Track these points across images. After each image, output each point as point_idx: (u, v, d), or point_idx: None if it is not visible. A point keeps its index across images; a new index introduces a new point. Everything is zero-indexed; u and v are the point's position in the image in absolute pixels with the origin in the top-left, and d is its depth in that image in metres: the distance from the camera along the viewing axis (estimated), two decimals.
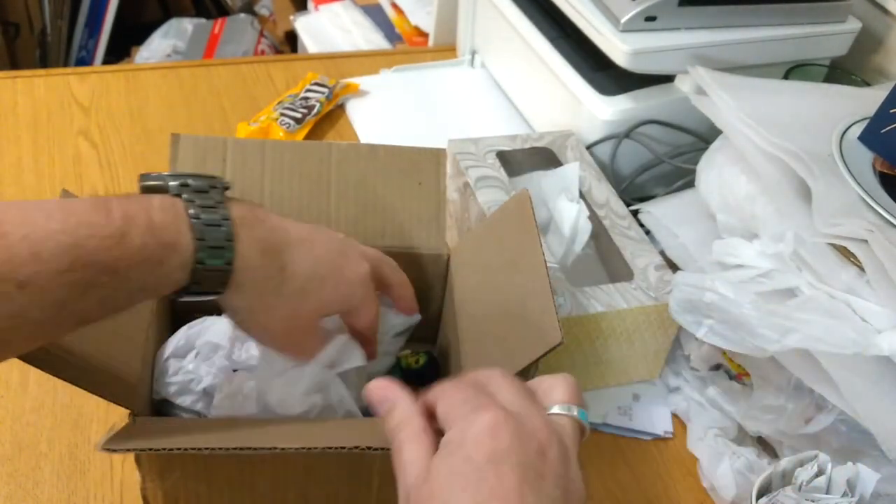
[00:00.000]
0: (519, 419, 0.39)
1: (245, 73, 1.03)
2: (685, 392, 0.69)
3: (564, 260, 0.71)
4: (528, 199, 0.57)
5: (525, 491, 0.36)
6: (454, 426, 0.39)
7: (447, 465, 0.38)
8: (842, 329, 0.52)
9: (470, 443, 0.38)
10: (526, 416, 0.39)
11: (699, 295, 0.57)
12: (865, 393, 0.51)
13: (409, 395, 0.42)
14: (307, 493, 0.53)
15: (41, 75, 0.98)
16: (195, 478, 0.51)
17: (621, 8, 0.76)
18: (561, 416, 0.41)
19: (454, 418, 0.39)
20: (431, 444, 0.40)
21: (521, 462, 0.37)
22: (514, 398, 0.40)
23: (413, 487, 0.38)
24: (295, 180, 0.63)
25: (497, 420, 0.38)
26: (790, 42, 0.82)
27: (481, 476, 0.36)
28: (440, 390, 0.42)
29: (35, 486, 0.58)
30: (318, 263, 0.50)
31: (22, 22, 1.93)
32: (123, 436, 0.46)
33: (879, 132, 0.61)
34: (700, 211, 0.70)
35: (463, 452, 0.37)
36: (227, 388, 0.54)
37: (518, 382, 0.42)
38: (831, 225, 0.54)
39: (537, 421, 0.39)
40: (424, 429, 0.40)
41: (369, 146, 0.65)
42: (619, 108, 0.81)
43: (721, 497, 0.62)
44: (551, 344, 0.47)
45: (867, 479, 0.49)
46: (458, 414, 0.39)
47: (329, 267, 0.51)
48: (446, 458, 0.38)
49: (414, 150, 0.65)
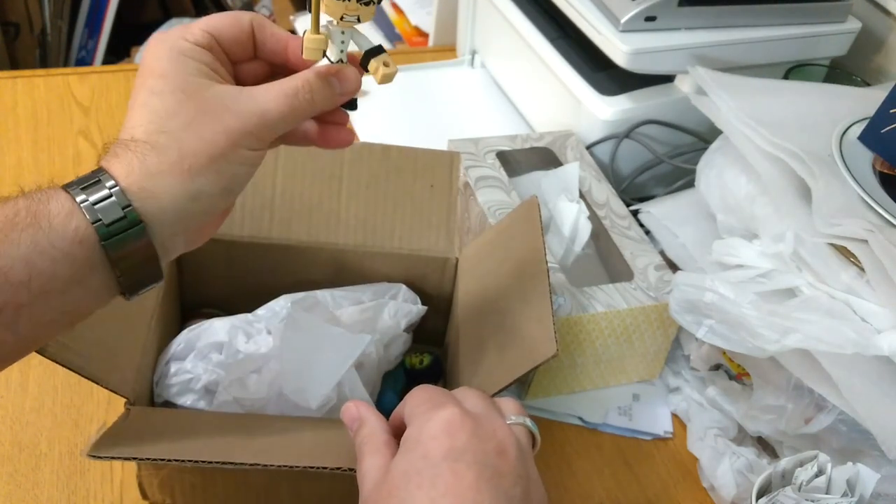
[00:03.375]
0: (477, 419, 0.39)
1: None
2: (685, 392, 0.69)
3: (564, 260, 0.71)
4: (537, 206, 0.58)
5: (482, 488, 0.36)
6: (413, 423, 0.40)
7: (404, 462, 0.38)
8: (842, 329, 0.52)
9: (427, 440, 0.38)
10: (485, 418, 0.40)
11: (699, 295, 0.57)
12: (865, 393, 0.51)
13: (377, 415, 0.43)
14: (300, 487, 0.53)
15: (41, 75, 0.98)
16: (190, 470, 0.52)
17: (621, 8, 0.76)
18: (515, 424, 0.42)
19: (414, 416, 0.40)
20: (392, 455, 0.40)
21: (479, 460, 0.37)
22: (476, 402, 0.41)
23: (371, 491, 0.39)
24: (307, 178, 0.63)
25: (454, 418, 0.39)
26: (790, 42, 0.82)
27: (437, 473, 0.37)
28: (408, 395, 0.43)
29: (35, 486, 0.58)
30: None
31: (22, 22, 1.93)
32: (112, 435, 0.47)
33: (879, 132, 0.61)
34: (700, 211, 0.70)
35: (420, 450, 0.38)
36: (237, 370, 0.55)
37: (482, 393, 0.43)
38: (831, 225, 0.54)
39: (496, 422, 0.40)
40: (387, 442, 0.41)
41: (382, 146, 0.65)
42: (619, 108, 0.81)
43: (721, 497, 0.62)
44: (546, 355, 0.48)
45: (867, 479, 0.49)
46: (418, 412, 0.40)
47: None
48: (404, 456, 0.39)
49: (427, 152, 0.65)
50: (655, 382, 0.72)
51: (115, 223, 0.38)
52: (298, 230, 0.63)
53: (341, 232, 0.64)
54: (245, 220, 0.63)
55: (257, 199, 0.63)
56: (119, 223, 0.38)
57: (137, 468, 0.53)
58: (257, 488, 0.53)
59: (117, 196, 0.38)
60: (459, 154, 0.66)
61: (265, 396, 0.55)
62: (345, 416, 0.44)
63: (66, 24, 1.91)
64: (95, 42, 1.91)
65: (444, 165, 0.65)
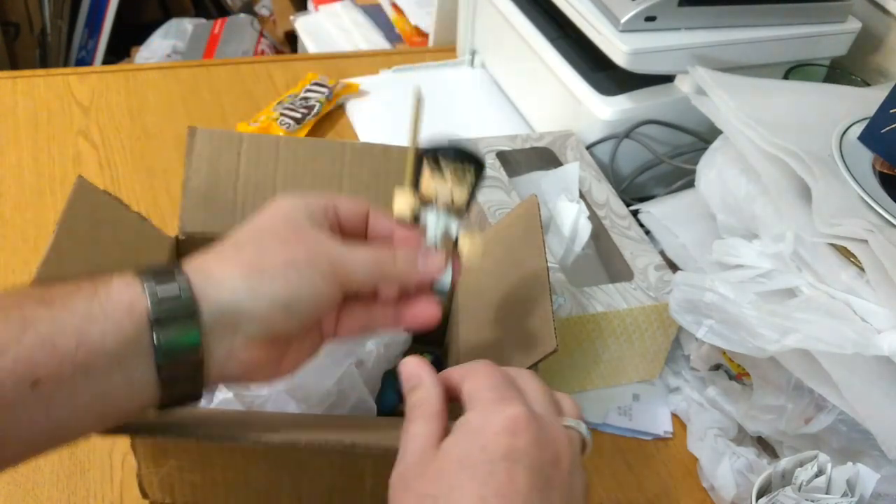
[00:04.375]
0: (541, 423, 0.38)
1: (245, 73, 1.03)
2: (685, 392, 0.69)
3: (564, 260, 0.71)
4: (537, 205, 0.58)
5: (532, 497, 0.36)
6: (476, 409, 0.39)
7: (461, 448, 0.37)
8: (842, 329, 0.52)
9: (489, 433, 0.37)
10: (548, 422, 0.39)
11: (699, 295, 0.57)
12: (865, 393, 0.51)
13: (435, 380, 0.42)
14: (300, 485, 0.53)
15: (41, 75, 0.98)
16: (190, 468, 0.52)
17: (621, 8, 0.76)
18: (571, 428, 0.41)
19: (478, 401, 0.39)
20: (442, 429, 0.39)
21: (535, 467, 0.37)
22: (541, 400, 0.40)
23: (416, 463, 0.38)
24: (307, 178, 0.63)
25: (520, 417, 0.38)
26: (790, 42, 0.82)
27: (492, 470, 0.36)
28: (470, 369, 0.41)
29: (35, 486, 0.58)
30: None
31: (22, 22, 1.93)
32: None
33: (879, 132, 0.61)
34: (700, 211, 0.70)
35: (480, 441, 0.37)
36: None
37: (545, 387, 0.42)
38: (831, 225, 0.54)
39: (557, 429, 0.39)
40: (440, 412, 0.40)
41: (383, 147, 0.65)
42: (618, 108, 0.81)
43: (721, 497, 0.62)
44: (546, 351, 0.48)
45: (867, 479, 0.49)
46: (484, 398, 0.39)
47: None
48: (461, 442, 0.38)
49: None
50: (655, 382, 0.72)
51: (168, 299, 0.38)
52: None
53: None
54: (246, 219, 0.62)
55: (258, 198, 0.63)
56: (172, 300, 0.38)
57: (137, 467, 0.53)
58: (257, 488, 0.53)
59: (178, 276, 0.39)
60: None
61: (266, 394, 0.55)
62: (403, 370, 0.43)
63: (66, 24, 1.92)
64: (95, 42, 1.91)
65: None
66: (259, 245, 0.42)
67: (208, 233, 0.62)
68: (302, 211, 0.44)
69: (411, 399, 0.41)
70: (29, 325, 0.35)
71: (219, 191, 0.62)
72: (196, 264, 0.41)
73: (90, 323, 0.36)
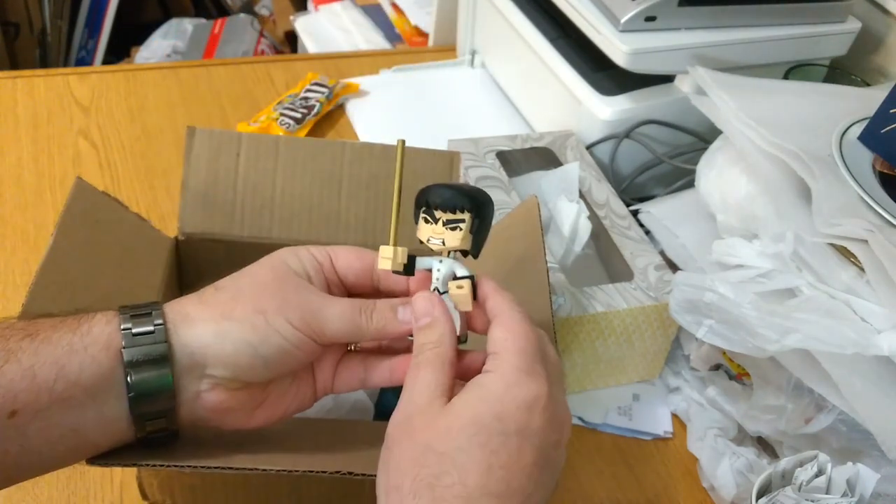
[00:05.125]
0: (556, 406, 0.39)
1: (245, 73, 1.03)
2: (685, 392, 0.69)
3: (564, 260, 0.71)
4: (537, 205, 0.58)
5: (534, 474, 0.37)
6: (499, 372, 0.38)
7: (475, 411, 0.37)
8: (842, 329, 0.52)
9: (510, 405, 0.37)
10: (561, 402, 0.40)
11: (699, 295, 0.57)
12: (865, 393, 0.51)
13: (451, 322, 0.42)
14: (300, 489, 0.53)
15: (41, 75, 0.98)
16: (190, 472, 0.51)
17: (621, 8, 0.76)
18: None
19: (506, 363, 0.39)
20: (451, 380, 0.39)
21: (542, 448, 0.37)
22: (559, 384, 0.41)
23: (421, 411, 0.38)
24: (307, 178, 0.63)
25: (542, 396, 0.38)
26: (790, 42, 0.82)
27: (504, 442, 0.36)
28: (509, 315, 0.41)
29: (35, 486, 0.58)
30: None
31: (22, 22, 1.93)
32: None
33: (879, 132, 0.61)
34: (700, 211, 0.70)
35: (496, 409, 0.37)
36: None
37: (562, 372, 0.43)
38: (831, 225, 0.54)
39: (566, 411, 0.40)
40: (452, 361, 0.40)
41: (382, 146, 0.65)
42: (618, 108, 0.81)
43: (721, 497, 0.62)
44: None
45: (867, 479, 0.49)
46: (511, 364, 0.39)
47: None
48: (476, 404, 0.37)
49: (428, 151, 0.65)
50: (655, 382, 0.72)
51: (142, 334, 0.39)
52: (298, 230, 0.63)
53: (341, 232, 0.64)
54: (245, 220, 0.63)
55: (257, 199, 0.63)
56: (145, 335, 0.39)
57: (137, 469, 0.53)
58: (257, 489, 0.53)
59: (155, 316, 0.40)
60: (459, 154, 0.66)
61: None
62: (415, 304, 0.42)
63: (66, 24, 1.91)
64: (95, 42, 1.91)
65: (444, 165, 0.65)
66: (236, 291, 0.42)
67: (207, 233, 0.62)
68: (292, 262, 0.44)
69: (420, 338, 0.41)
70: (11, 356, 0.37)
71: (218, 191, 0.62)
72: (177, 305, 0.41)
73: (70, 355, 0.38)
